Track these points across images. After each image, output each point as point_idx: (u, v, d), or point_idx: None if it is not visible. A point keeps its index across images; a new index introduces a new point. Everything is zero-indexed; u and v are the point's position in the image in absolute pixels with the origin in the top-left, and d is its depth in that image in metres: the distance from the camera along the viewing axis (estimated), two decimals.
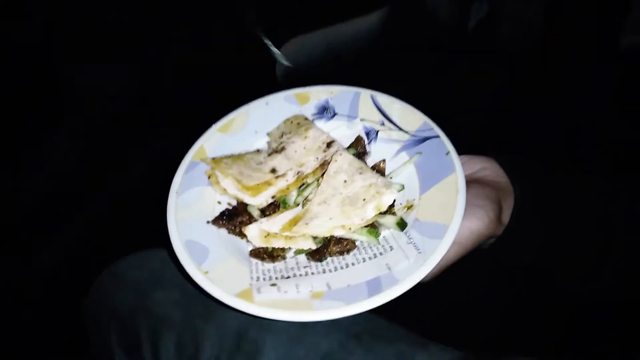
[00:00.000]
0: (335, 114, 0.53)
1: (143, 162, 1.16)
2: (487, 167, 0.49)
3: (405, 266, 0.43)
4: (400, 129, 0.49)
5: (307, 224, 0.45)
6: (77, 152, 1.10)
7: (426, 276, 0.42)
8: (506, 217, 0.48)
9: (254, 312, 0.42)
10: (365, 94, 0.51)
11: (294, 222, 0.46)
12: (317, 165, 0.47)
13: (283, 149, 0.49)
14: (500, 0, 1.05)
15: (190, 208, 0.50)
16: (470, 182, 0.47)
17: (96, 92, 1.17)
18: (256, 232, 0.48)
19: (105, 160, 1.15)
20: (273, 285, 0.44)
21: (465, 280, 0.57)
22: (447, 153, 0.45)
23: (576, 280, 0.54)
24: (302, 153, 0.49)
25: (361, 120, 0.51)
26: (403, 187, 0.48)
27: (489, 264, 0.56)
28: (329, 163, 0.46)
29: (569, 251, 0.52)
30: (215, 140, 0.54)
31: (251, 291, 0.43)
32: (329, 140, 0.50)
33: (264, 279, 0.45)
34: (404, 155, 0.49)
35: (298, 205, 0.48)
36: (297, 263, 0.47)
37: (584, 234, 0.51)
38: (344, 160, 0.48)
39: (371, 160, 0.51)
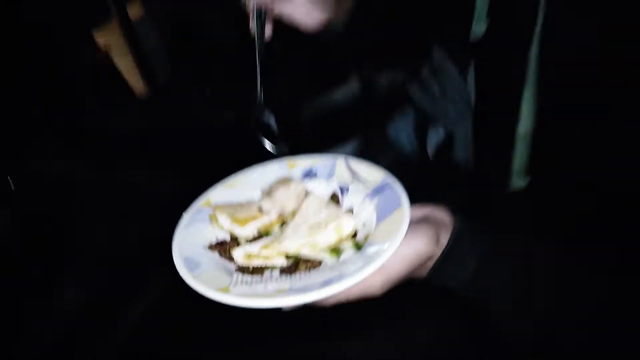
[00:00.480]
0: (316, 175, 0.62)
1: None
2: (436, 209, 0.57)
3: (353, 269, 0.51)
4: (365, 182, 0.58)
5: (280, 243, 0.57)
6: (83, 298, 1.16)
7: (375, 285, 0.50)
8: (444, 241, 0.55)
9: (227, 301, 0.51)
10: (341, 160, 0.60)
11: (269, 244, 0.58)
12: (296, 207, 0.58)
13: (270, 195, 0.58)
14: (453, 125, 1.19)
15: (191, 237, 0.61)
16: (419, 217, 0.55)
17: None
18: (240, 253, 0.59)
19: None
20: (247, 284, 0.55)
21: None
22: (399, 196, 0.53)
23: (504, 317, 0.60)
24: (285, 198, 0.62)
25: (337, 179, 0.60)
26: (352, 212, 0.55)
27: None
28: None
29: (496, 284, 0.59)
30: (219, 193, 0.63)
31: (229, 287, 0.53)
32: (307, 190, 0.60)
33: (241, 283, 0.56)
34: (369, 202, 0.58)
35: None
36: (271, 276, 0.57)
37: (511, 271, 0.58)
38: (315, 200, 0.61)
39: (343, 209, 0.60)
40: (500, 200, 0.69)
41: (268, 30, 0.71)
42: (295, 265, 0.56)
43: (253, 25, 0.70)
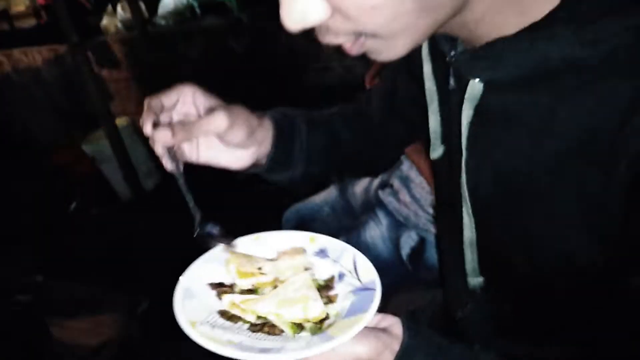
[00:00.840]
0: (327, 256, 0.67)
1: None
2: (395, 323, 0.62)
3: (293, 347, 0.56)
4: (358, 279, 0.65)
5: (255, 303, 0.63)
6: None
7: None
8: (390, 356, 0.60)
9: (187, 333, 0.56)
10: (351, 251, 0.67)
11: (249, 300, 0.64)
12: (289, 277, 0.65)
13: (276, 259, 0.70)
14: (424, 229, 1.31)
15: (204, 271, 0.68)
16: (378, 325, 0.61)
17: None
18: (227, 299, 0.65)
19: None
20: (214, 327, 0.60)
21: None
22: (371, 301, 0.60)
23: None
24: (286, 267, 0.68)
25: (341, 265, 0.67)
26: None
27: None
28: None
29: None
30: (246, 242, 0.72)
31: (196, 323, 0.59)
32: (308, 266, 0.67)
33: (211, 324, 0.61)
34: (351, 295, 0.64)
35: None
36: (239, 328, 0.62)
37: None
38: (301, 278, 0.65)
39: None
40: (460, 298, 0.76)
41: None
42: (262, 326, 0.61)
43: (167, 163, 0.70)
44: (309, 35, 0.51)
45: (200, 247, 0.70)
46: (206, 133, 0.68)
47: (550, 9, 0.48)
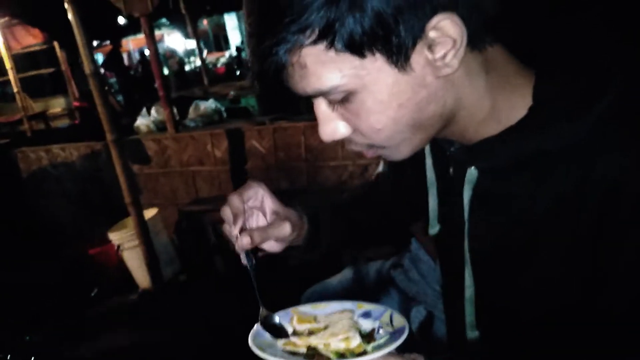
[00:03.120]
0: (370, 316, 0.82)
1: None
2: (421, 356, 0.70)
3: None
4: (392, 326, 0.78)
5: (309, 338, 0.77)
6: None
7: None
8: None
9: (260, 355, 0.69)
10: (389, 311, 0.81)
11: (304, 337, 0.78)
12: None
13: (326, 327, 0.81)
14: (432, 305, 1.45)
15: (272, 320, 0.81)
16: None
17: None
18: (290, 336, 0.79)
19: None
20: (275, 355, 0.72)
21: None
22: (402, 334, 0.74)
23: None
24: (335, 319, 0.81)
25: (380, 321, 0.80)
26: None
27: None
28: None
29: None
30: (307, 307, 0.86)
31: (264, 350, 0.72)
32: (353, 321, 0.80)
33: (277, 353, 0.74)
34: (386, 336, 0.76)
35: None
36: (294, 355, 0.75)
37: None
38: (346, 321, 0.79)
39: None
40: (462, 349, 0.88)
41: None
42: (312, 356, 0.74)
43: (244, 259, 0.83)
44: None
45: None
46: (276, 239, 0.85)
47: (520, 117, 0.62)
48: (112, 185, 3.97)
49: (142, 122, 4.20)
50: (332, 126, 0.64)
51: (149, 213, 3.51)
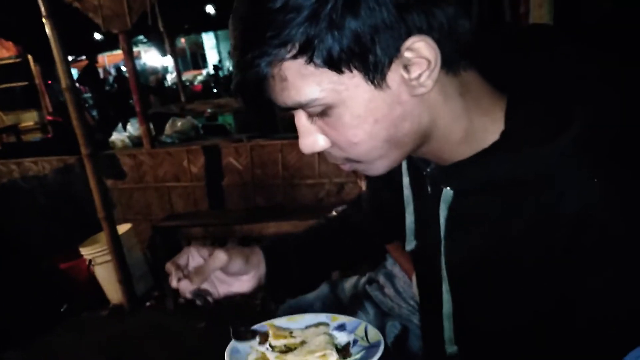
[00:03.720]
0: (345, 329, 0.85)
1: None
2: None
3: None
4: (367, 341, 0.80)
5: (286, 355, 0.79)
6: None
7: None
8: None
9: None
10: (364, 324, 0.84)
11: (281, 355, 0.80)
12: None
13: (303, 329, 0.86)
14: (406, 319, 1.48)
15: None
16: None
17: None
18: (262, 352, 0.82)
19: None
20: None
21: None
22: (378, 350, 0.77)
23: None
24: (311, 333, 0.84)
25: (355, 334, 0.83)
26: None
27: None
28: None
29: None
30: (282, 320, 0.89)
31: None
32: (329, 334, 0.83)
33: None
34: (363, 351, 0.79)
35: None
36: None
37: None
38: (323, 337, 0.82)
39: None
40: None
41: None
42: None
43: (198, 301, 0.87)
44: (302, 154, 0.75)
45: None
46: (214, 270, 0.88)
47: (493, 141, 0.65)
48: (84, 199, 3.92)
49: (118, 137, 4.17)
50: (312, 139, 0.66)
51: (123, 228, 3.47)
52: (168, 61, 14.89)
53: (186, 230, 3.26)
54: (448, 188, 0.71)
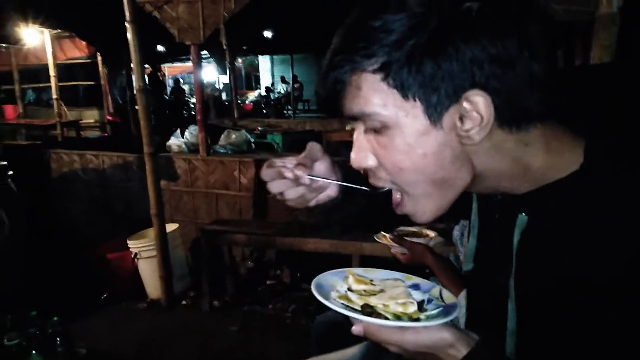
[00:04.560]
0: (419, 288, 0.85)
1: None
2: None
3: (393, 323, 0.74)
4: (443, 301, 0.80)
5: (368, 297, 0.80)
6: None
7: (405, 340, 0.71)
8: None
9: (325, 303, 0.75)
10: (437, 287, 0.84)
11: (363, 295, 0.82)
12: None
13: (382, 291, 0.84)
14: None
15: (326, 276, 0.87)
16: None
17: None
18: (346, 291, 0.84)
19: None
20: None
21: None
22: (455, 309, 0.75)
23: None
24: (389, 284, 0.85)
25: (430, 294, 0.83)
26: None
27: None
28: None
29: None
30: (356, 270, 0.91)
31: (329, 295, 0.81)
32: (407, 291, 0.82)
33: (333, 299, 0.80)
34: (438, 309, 0.78)
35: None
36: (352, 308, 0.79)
37: None
38: (402, 289, 0.83)
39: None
40: None
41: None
42: (370, 313, 0.77)
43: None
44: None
45: None
46: (317, 155, 0.89)
47: (560, 177, 0.67)
48: (137, 196, 4.14)
49: (175, 142, 4.39)
50: (363, 155, 0.71)
51: (170, 227, 3.64)
52: (224, 78, 15.38)
53: (230, 236, 3.38)
54: (523, 214, 0.72)
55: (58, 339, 2.44)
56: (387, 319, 0.76)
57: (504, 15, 0.61)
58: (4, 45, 7.27)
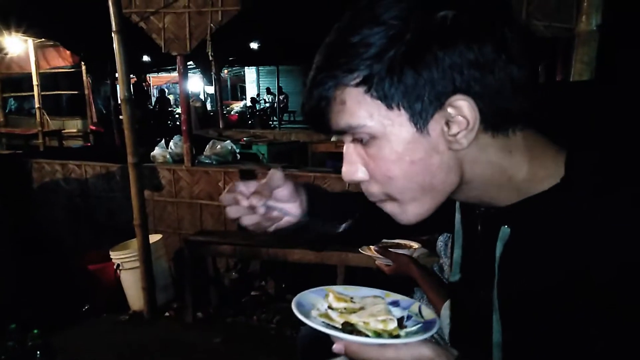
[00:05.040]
0: (398, 305, 0.86)
1: None
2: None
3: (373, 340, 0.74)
4: (422, 317, 0.81)
5: (349, 315, 0.81)
6: None
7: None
8: None
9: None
10: (417, 303, 0.85)
11: (344, 313, 0.83)
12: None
13: (362, 308, 0.85)
14: None
15: (309, 297, 0.87)
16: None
17: None
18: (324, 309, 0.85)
19: None
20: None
21: None
22: (434, 325, 0.76)
23: None
24: (369, 302, 0.85)
25: (409, 311, 0.83)
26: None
27: None
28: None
29: None
30: (339, 288, 0.91)
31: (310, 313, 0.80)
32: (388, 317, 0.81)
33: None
34: (417, 326, 0.79)
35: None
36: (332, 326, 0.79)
37: None
38: (381, 306, 0.83)
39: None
40: None
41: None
42: (351, 331, 0.77)
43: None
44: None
45: None
46: (276, 186, 0.91)
47: (549, 186, 0.68)
48: (120, 207, 4.10)
49: (159, 152, 4.37)
50: (354, 168, 0.72)
51: (153, 238, 3.61)
52: (209, 88, 15.37)
53: (215, 247, 3.37)
54: (505, 226, 0.74)
55: (38, 352, 2.40)
56: (367, 336, 0.77)
57: (479, 21, 0.62)
58: None
